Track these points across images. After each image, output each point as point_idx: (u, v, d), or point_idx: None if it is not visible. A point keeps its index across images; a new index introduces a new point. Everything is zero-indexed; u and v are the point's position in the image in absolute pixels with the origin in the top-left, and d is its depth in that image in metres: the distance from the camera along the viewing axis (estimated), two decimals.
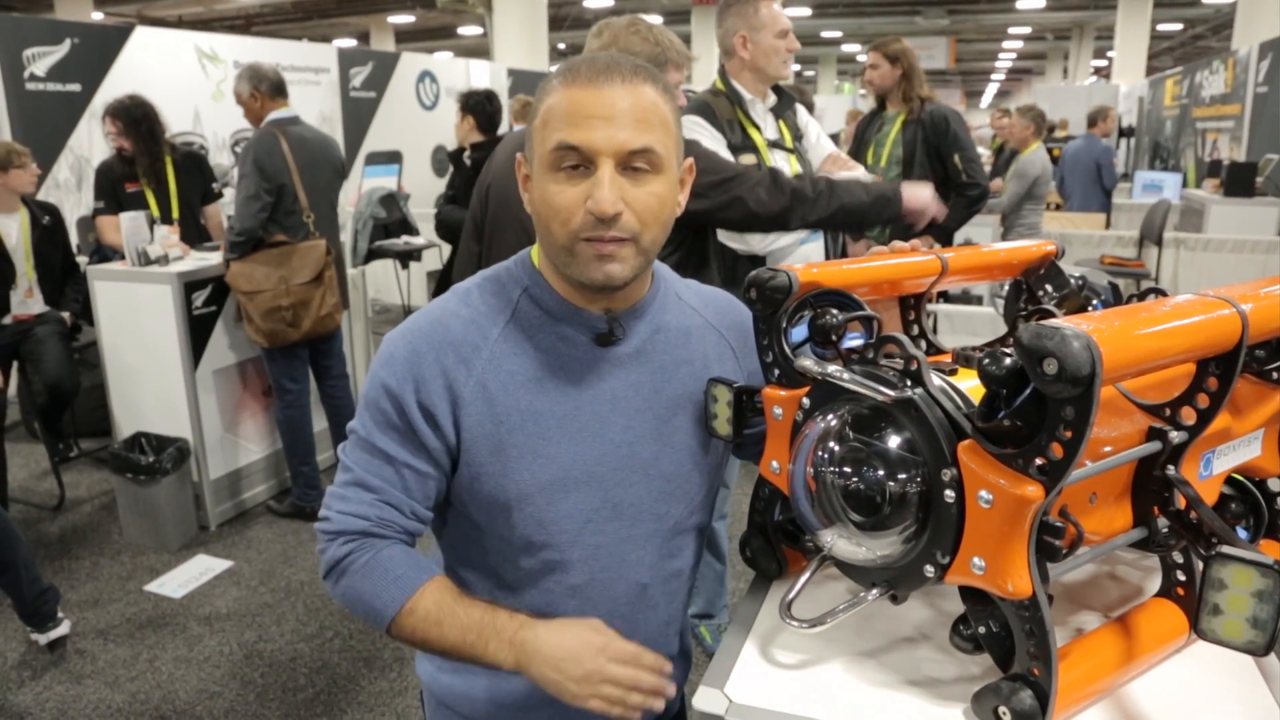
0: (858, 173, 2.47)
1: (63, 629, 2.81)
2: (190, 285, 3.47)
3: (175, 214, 3.99)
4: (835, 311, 0.93)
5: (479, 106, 3.93)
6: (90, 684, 2.67)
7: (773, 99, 2.45)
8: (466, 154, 4.03)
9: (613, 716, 0.95)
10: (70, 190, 5.32)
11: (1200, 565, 0.84)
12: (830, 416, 0.87)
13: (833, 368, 0.88)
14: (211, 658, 2.79)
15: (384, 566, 1.01)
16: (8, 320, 3.73)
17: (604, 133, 0.94)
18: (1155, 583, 0.93)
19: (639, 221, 0.97)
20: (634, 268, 1.00)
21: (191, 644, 2.87)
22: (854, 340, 0.93)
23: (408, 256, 6.18)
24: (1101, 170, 7.40)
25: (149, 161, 3.92)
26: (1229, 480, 0.99)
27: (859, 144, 4.01)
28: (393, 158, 7.33)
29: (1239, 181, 6.98)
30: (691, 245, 2.09)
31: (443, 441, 1.03)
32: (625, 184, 0.95)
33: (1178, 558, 0.88)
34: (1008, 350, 0.75)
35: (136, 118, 3.85)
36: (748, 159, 2.31)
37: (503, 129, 4.74)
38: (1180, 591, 0.89)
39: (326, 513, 1.05)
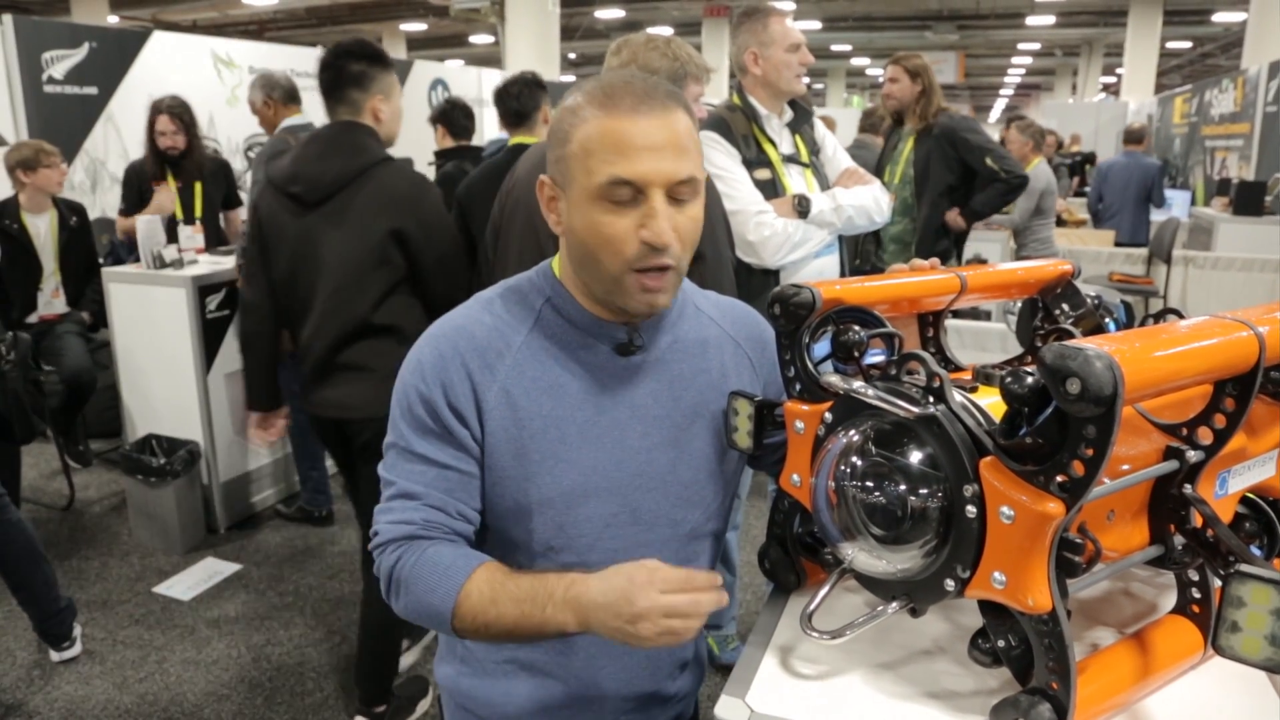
0: (874, 187, 2.48)
1: (76, 649, 2.81)
2: (204, 289, 3.50)
3: (199, 214, 4.05)
4: (858, 328, 0.95)
5: (445, 116, 4.03)
6: (99, 685, 2.68)
7: (789, 113, 2.47)
8: (430, 163, 4.08)
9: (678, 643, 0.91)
10: (85, 193, 5.35)
11: (1216, 583, 0.85)
12: (853, 431, 0.88)
13: (857, 384, 0.90)
14: (219, 660, 2.81)
15: (432, 562, 1.00)
16: (34, 319, 3.76)
17: (653, 165, 0.96)
18: (1169, 599, 0.94)
19: (682, 247, 1.00)
20: (674, 293, 1.04)
21: (200, 646, 2.88)
22: (875, 356, 0.94)
23: None
24: (1153, 190, 7.23)
25: (193, 162, 4.04)
26: (1243, 500, 1.00)
27: (880, 159, 4.03)
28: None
29: (1248, 200, 6.98)
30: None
31: (476, 440, 1.04)
32: (671, 211, 0.98)
33: (1193, 575, 0.89)
34: (1029, 369, 0.77)
35: (194, 119, 3.99)
36: (763, 174, 2.33)
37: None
38: (1195, 609, 0.90)
39: (375, 529, 1.05)
